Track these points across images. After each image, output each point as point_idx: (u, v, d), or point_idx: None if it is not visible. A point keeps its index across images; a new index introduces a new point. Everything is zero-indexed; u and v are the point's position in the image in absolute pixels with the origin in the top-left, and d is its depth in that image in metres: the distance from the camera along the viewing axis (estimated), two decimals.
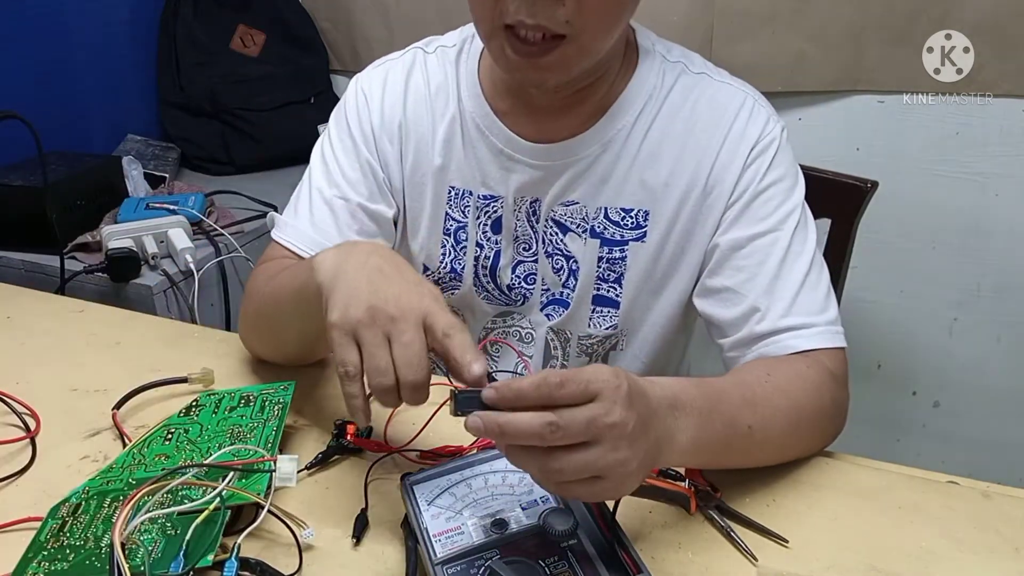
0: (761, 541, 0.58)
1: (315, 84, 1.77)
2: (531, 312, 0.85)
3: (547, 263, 0.82)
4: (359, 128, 0.82)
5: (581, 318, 0.83)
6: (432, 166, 0.81)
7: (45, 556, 0.54)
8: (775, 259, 0.74)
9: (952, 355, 1.53)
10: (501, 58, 0.71)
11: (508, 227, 0.82)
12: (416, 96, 0.82)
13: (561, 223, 0.80)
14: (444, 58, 0.83)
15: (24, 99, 1.38)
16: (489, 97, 0.79)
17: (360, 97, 0.83)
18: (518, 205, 0.81)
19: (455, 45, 0.83)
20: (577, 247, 0.81)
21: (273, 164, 1.72)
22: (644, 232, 0.79)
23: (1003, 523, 0.60)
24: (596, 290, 0.81)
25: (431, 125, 0.81)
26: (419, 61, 0.83)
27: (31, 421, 0.71)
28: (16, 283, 1.04)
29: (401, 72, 0.83)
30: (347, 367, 0.55)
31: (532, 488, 0.54)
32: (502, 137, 0.79)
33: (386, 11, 1.70)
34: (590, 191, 0.79)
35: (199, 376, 0.76)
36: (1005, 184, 1.38)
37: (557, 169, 0.78)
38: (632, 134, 0.77)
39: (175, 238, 1.25)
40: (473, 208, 0.82)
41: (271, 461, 0.58)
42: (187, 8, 1.69)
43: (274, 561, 0.54)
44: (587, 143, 0.77)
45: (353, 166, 0.82)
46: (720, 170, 0.76)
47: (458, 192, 0.82)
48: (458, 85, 0.81)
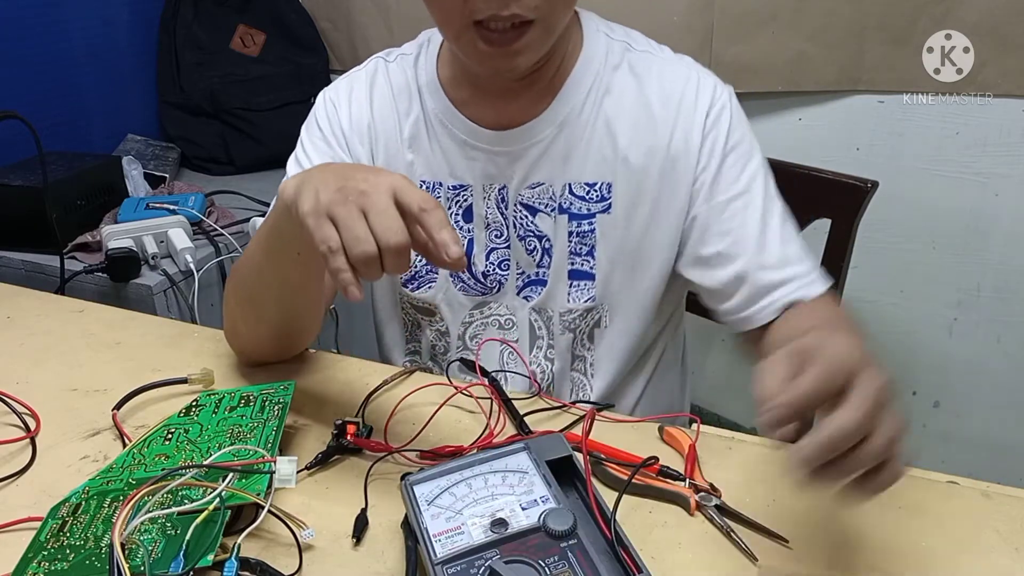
0: (761, 541, 0.58)
1: (315, 84, 1.77)
2: (507, 298, 0.87)
3: (520, 246, 0.84)
4: (330, 131, 0.86)
5: (559, 294, 0.85)
6: (403, 162, 0.85)
7: (45, 556, 0.54)
8: (754, 218, 0.78)
9: (952, 355, 1.53)
10: (473, 53, 0.72)
11: (479, 215, 0.84)
12: (381, 99, 0.85)
13: (530, 205, 0.83)
14: (404, 63, 0.87)
15: (24, 99, 1.39)
16: (448, 91, 0.82)
17: (328, 105, 0.87)
18: (487, 192, 0.83)
19: (412, 53, 0.87)
20: (547, 226, 0.83)
21: (273, 164, 1.72)
22: (609, 204, 0.81)
23: (1003, 523, 0.60)
24: (571, 264, 0.84)
25: (397, 124, 0.85)
26: (381, 68, 0.88)
27: (31, 421, 0.71)
28: (16, 283, 1.04)
29: (365, 80, 0.87)
30: (328, 243, 0.55)
31: (532, 488, 0.54)
32: (463, 128, 0.82)
33: (386, 11, 1.71)
34: (553, 170, 0.81)
35: (199, 376, 0.76)
36: (1005, 184, 1.38)
37: (519, 153, 0.81)
38: (584, 111, 0.80)
39: (175, 238, 1.25)
40: (444, 199, 0.84)
41: (271, 462, 0.58)
42: (187, 8, 1.70)
43: (274, 561, 0.54)
44: (544, 124, 0.80)
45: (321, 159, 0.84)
46: (680, 142, 0.79)
47: (428, 185, 0.84)
48: (418, 85, 0.84)
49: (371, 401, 0.75)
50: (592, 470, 0.61)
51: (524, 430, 0.70)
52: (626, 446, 0.66)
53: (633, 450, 0.65)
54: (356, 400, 0.74)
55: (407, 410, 0.73)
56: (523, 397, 0.75)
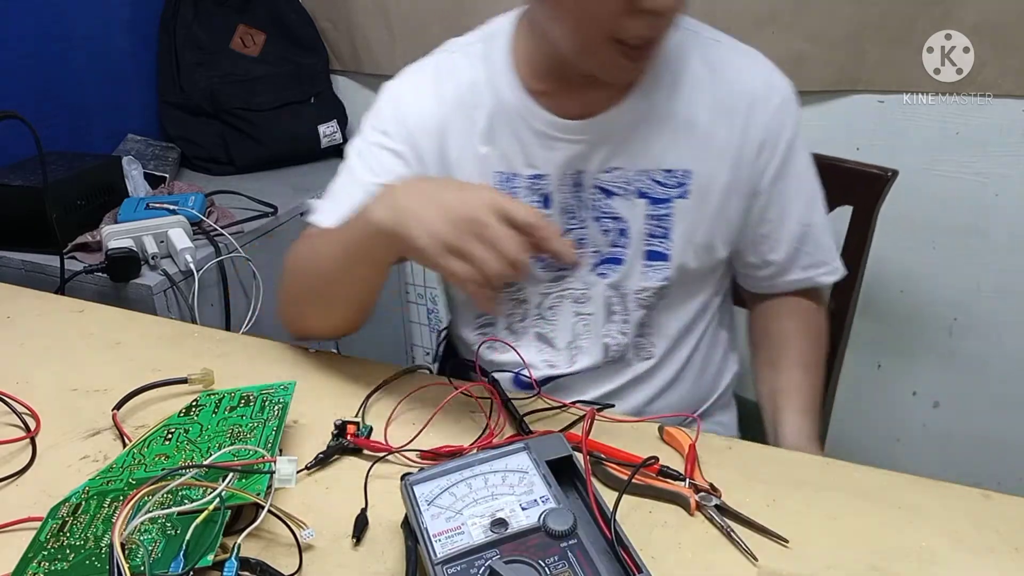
0: (761, 541, 0.58)
1: (315, 84, 1.77)
2: (583, 274, 0.89)
3: (595, 226, 0.87)
4: (395, 127, 0.86)
5: (635, 273, 0.88)
6: (475, 155, 0.85)
7: (45, 556, 0.54)
8: (805, 204, 0.88)
9: (952, 355, 1.53)
10: (609, 66, 0.76)
11: (556, 201, 0.86)
12: (449, 93, 0.86)
13: (606, 188, 0.85)
14: (469, 55, 0.87)
15: (24, 99, 1.39)
16: (527, 83, 0.83)
17: (393, 101, 0.87)
18: (563, 180, 0.85)
19: (475, 44, 0.87)
20: (625, 208, 0.85)
21: (273, 164, 1.72)
22: (686, 189, 0.84)
23: (1003, 523, 0.60)
24: (647, 245, 0.87)
25: (468, 117, 0.85)
26: (445, 62, 0.88)
27: (31, 421, 0.71)
28: (16, 283, 1.05)
29: (430, 75, 0.87)
30: (461, 274, 0.62)
31: (532, 488, 0.54)
32: (542, 119, 0.83)
33: (386, 11, 1.70)
34: (632, 157, 0.84)
35: (199, 376, 0.76)
36: (1005, 184, 1.38)
37: (597, 141, 0.83)
38: (663, 100, 0.83)
39: (175, 238, 1.25)
40: (522, 188, 0.85)
41: (271, 462, 0.58)
42: (187, 8, 1.69)
43: (274, 561, 0.54)
44: (624, 112, 0.82)
45: (392, 159, 0.85)
46: (751, 132, 0.83)
47: (504, 176, 0.85)
48: (489, 78, 0.85)
49: (371, 401, 0.75)
50: (592, 470, 0.61)
51: (524, 430, 0.70)
52: (626, 446, 0.66)
53: (633, 450, 0.65)
54: (356, 400, 0.74)
55: (407, 410, 0.73)
56: (523, 397, 0.75)
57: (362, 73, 1.82)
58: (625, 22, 0.71)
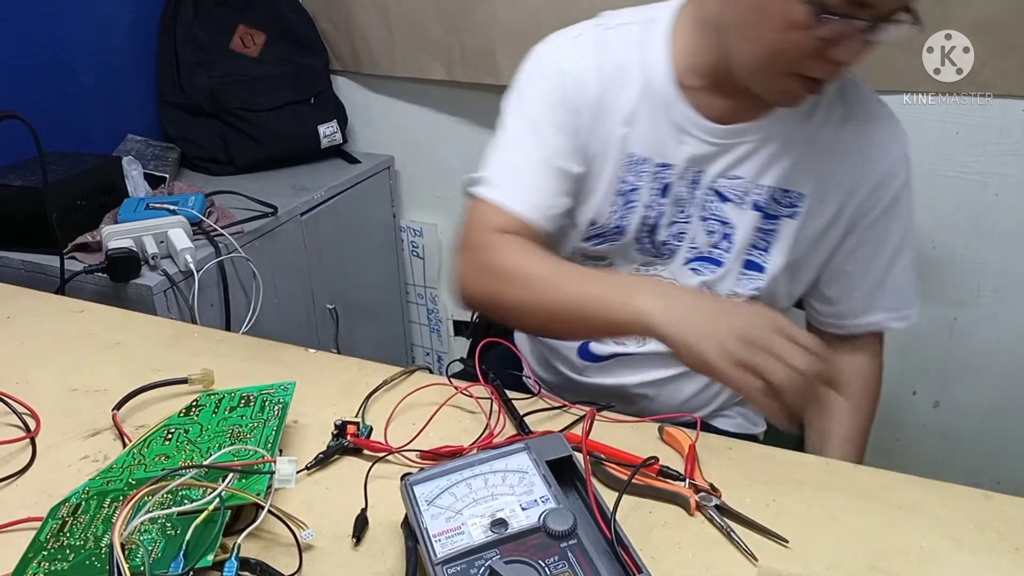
0: (761, 541, 0.58)
1: (315, 84, 1.77)
2: (674, 265, 0.91)
3: (700, 225, 0.89)
4: (562, 98, 0.86)
5: (730, 278, 0.90)
6: (616, 134, 0.86)
7: (45, 556, 0.54)
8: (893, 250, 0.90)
9: (952, 355, 1.53)
10: (781, 94, 0.79)
11: (673, 192, 0.88)
12: (605, 69, 0.86)
13: (721, 193, 0.88)
14: (625, 35, 0.87)
15: (24, 99, 1.38)
16: (679, 75, 0.85)
17: (560, 73, 0.87)
18: (683, 174, 0.87)
19: (634, 24, 0.88)
20: (735, 215, 0.88)
21: (273, 164, 1.72)
22: (796, 211, 0.87)
23: (1003, 523, 0.60)
24: (747, 255, 0.90)
25: (617, 96, 0.86)
26: (603, 38, 0.87)
27: (31, 421, 0.71)
28: (16, 283, 1.04)
29: (591, 49, 0.87)
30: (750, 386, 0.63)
31: (532, 488, 0.54)
32: (682, 114, 0.85)
33: (386, 11, 1.70)
34: (755, 169, 0.86)
35: (199, 376, 0.76)
36: (1005, 184, 1.38)
37: (728, 147, 0.85)
38: (798, 123, 0.85)
39: (175, 238, 1.25)
40: (648, 174, 0.87)
41: (271, 462, 0.58)
42: (187, 8, 1.69)
43: (274, 561, 0.54)
44: (761, 128, 0.85)
45: (557, 131, 0.86)
46: (868, 175, 0.86)
47: (637, 159, 0.87)
48: (644, 61, 0.85)
49: (371, 401, 0.75)
50: (592, 470, 0.61)
51: (524, 430, 0.70)
52: (626, 446, 0.66)
53: (633, 450, 0.65)
54: (356, 400, 0.74)
55: (407, 410, 0.73)
56: (523, 397, 0.75)
57: (362, 73, 1.82)
58: (811, 63, 0.73)
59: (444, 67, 1.69)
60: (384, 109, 1.85)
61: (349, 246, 1.74)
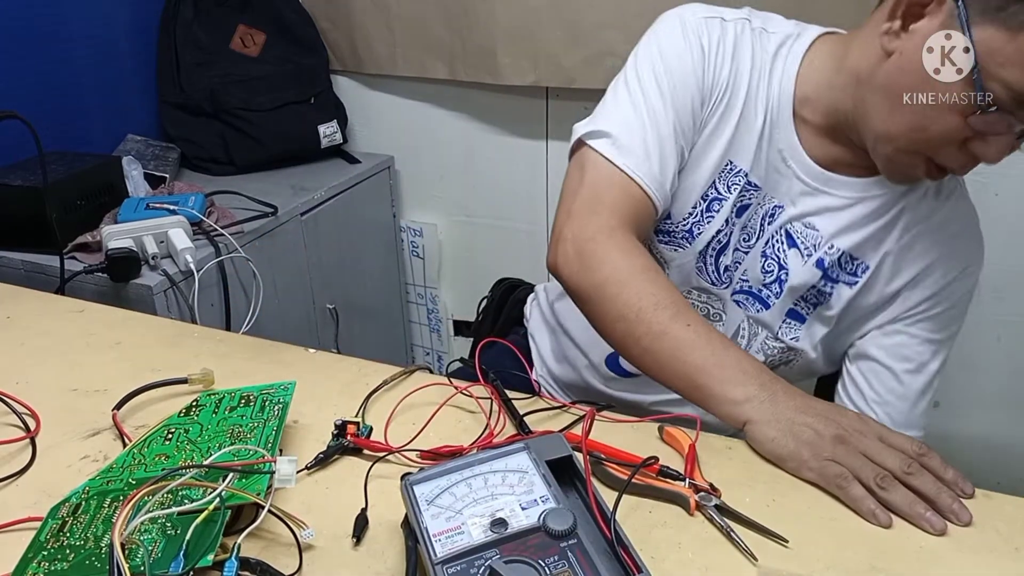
0: (761, 541, 0.58)
1: (315, 84, 1.77)
2: (725, 295, 0.90)
3: (759, 261, 0.87)
4: (699, 73, 0.81)
5: (775, 322, 0.89)
6: (725, 136, 0.83)
7: (45, 556, 0.54)
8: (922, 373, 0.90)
9: (952, 355, 1.52)
10: (900, 171, 0.77)
11: (747, 216, 0.86)
12: (741, 65, 0.82)
13: (792, 237, 0.86)
14: (762, 42, 0.83)
15: (24, 99, 1.39)
16: (797, 102, 0.81)
17: (700, 41, 0.82)
18: (763, 202, 0.85)
19: (776, 33, 0.84)
20: (796, 263, 0.86)
21: (273, 164, 1.72)
22: (857, 281, 0.86)
23: (1003, 523, 0.60)
24: (794, 305, 0.88)
25: (738, 99, 0.82)
26: (744, 34, 0.83)
27: (31, 421, 0.71)
28: (16, 283, 1.04)
29: (732, 35, 0.82)
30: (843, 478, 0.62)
31: (532, 488, 0.54)
32: (787, 143, 0.82)
33: (386, 11, 1.71)
34: (834, 227, 0.84)
35: (199, 376, 0.76)
36: (1005, 184, 1.38)
37: (818, 192, 0.83)
38: (891, 197, 0.83)
39: (175, 238, 1.25)
40: (738, 187, 0.84)
41: (271, 462, 0.58)
42: (187, 8, 1.70)
43: (274, 561, 0.54)
44: (855, 188, 0.82)
45: (685, 108, 0.81)
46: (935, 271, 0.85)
47: (734, 169, 0.84)
48: (771, 75, 0.82)
49: (371, 401, 0.75)
50: (592, 470, 0.61)
51: (524, 430, 0.70)
52: (626, 446, 0.66)
53: (633, 450, 0.65)
54: (356, 400, 0.74)
55: (407, 410, 0.73)
56: (523, 397, 0.75)
57: (362, 73, 1.82)
58: (950, 150, 0.71)
59: (446, 66, 1.69)
60: (384, 109, 1.85)
61: (349, 246, 1.74)
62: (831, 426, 0.65)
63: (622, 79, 0.84)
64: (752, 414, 0.67)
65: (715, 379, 0.69)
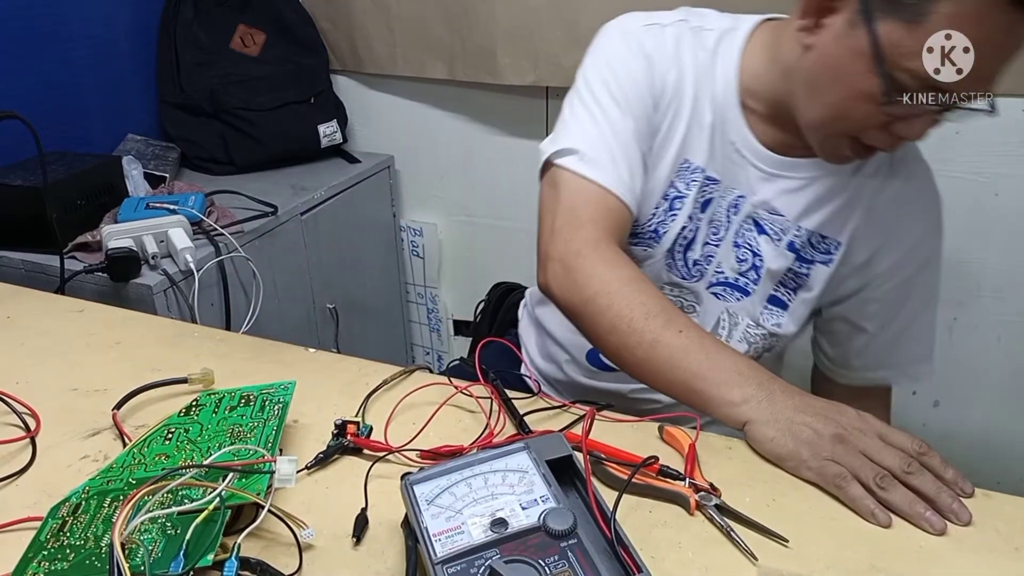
0: (761, 541, 0.58)
1: (315, 84, 1.77)
2: (699, 288, 0.92)
3: (732, 252, 0.89)
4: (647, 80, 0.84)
5: (754, 309, 0.91)
6: (678, 136, 0.85)
7: (45, 556, 0.54)
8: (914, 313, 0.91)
9: (952, 355, 1.53)
10: (833, 153, 0.79)
11: (712, 209, 0.88)
12: (684, 66, 0.85)
13: (760, 224, 0.88)
14: (700, 39, 0.85)
15: (24, 99, 1.39)
16: (742, 94, 0.84)
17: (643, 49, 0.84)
18: (725, 194, 0.87)
19: (713, 30, 0.86)
20: (768, 249, 0.88)
21: (273, 164, 1.72)
22: (831, 259, 0.88)
23: (1003, 523, 0.60)
24: (774, 291, 0.90)
25: (686, 98, 0.84)
26: (683, 35, 0.85)
27: (31, 421, 0.71)
28: (16, 283, 1.04)
29: (672, 39, 0.85)
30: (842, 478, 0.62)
31: (532, 487, 0.54)
32: (738, 133, 0.85)
33: (386, 11, 1.71)
34: (797, 209, 0.86)
35: (199, 376, 0.76)
36: (1005, 184, 1.38)
37: (775, 177, 0.85)
38: (846, 174, 0.85)
39: (175, 238, 1.25)
40: (697, 184, 0.86)
41: (271, 462, 0.58)
42: (187, 8, 1.70)
43: (274, 561, 0.54)
44: (811, 167, 0.85)
45: (641, 115, 0.84)
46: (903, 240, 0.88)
47: (691, 166, 0.86)
48: (714, 71, 0.84)
49: (371, 401, 0.75)
50: (592, 470, 0.61)
51: (524, 430, 0.70)
52: (626, 446, 0.66)
53: (633, 450, 0.65)
54: (356, 400, 0.74)
55: (407, 410, 0.73)
56: (523, 397, 0.75)
57: (362, 73, 1.82)
58: (873, 133, 0.73)
59: (445, 66, 1.69)
60: (384, 109, 1.85)
61: (349, 246, 1.74)
62: (830, 425, 0.65)
63: (576, 96, 0.86)
64: (751, 414, 0.67)
65: (711, 383, 0.69)
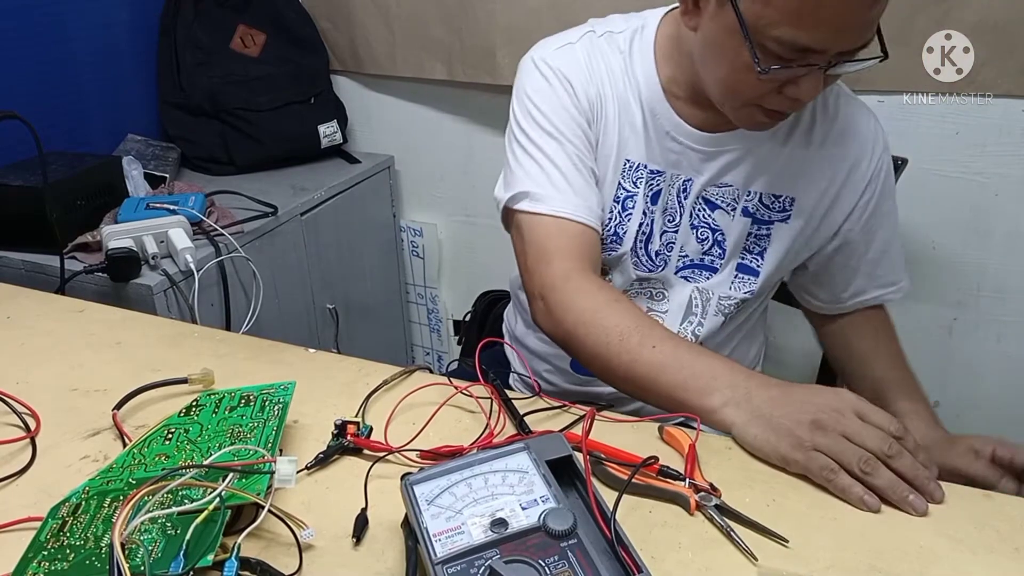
0: (761, 541, 0.58)
1: (315, 84, 1.77)
2: (665, 275, 0.94)
3: (691, 234, 0.92)
4: (572, 101, 0.87)
5: (725, 282, 0.94)
6: (614, 141, 0.89)
7: (45, 556, 0.54)
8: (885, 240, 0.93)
9: (952, 355, 1.53)
10: (746, 120, 0.81)
11: (663, 200, 0.90)
12: (598, 76, 0.88)
13: (711, 201, 0.90)
14: (613, 43, 0.89)
15: (24, 99, 1.39)
16: (664, 84, 0.87)
17: (560, 73, 0.88)
18: (672, 181, 0.90)
19: (622, 33, 0.89)
20: (725, 222, 0.91)
21: (273, 164, 1.72)
22: (789, 215, 0.90)
23: (1003, 523, 0.60)
24: (741, 259, 0.93)
25: (611, 103, 0.88)
26: (595, 43, 0.89)
27: (31, 421, 0.71)
28: (16, 283, 1.04)
29: (583, 53, 0.89)
30: (829, 470, 0.62)
31: (532, 488, 0.54)
32: (669, 121, 0.87)
33: (386, 11, 1.70)
34: (743, 176, 0.88)
35: (199, 376, 0.76)
36: (1005, 184, 1.38)
37: (714, 155, 0.88)
38: (782, 134, 0.87)
39: (175, 238, 1.25)
40: (643, 180, 0.89)
41: (271, 462, 0.58)
42: (187, 8, 1.69)
43: (274, 561, 0.54)
44: (744, 136, 0.86)
45: (577, 136, 0.87)
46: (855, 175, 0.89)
47: (633, 165, 0.89)
48: (632, 69, 0.88)
49: (371, 401, 0.75)
50: (592, 470, 0.61)
51: (524, 430, 0.70)
52: (626, 446, 0.66)
53: (633, 450, 0.65)
54: (356, 400, 0.74)
55: (407, 410, 0.73)
56: (523, 397, 0.75)
57: (362, 73, 1.82)
58: (769, 98, 0.76)
59: (445, 66, 1.69)
60: (384, 109, 1.85)
61: (349, 246, 1.74)
62: (807, 411, 0.65)
63: (512, 140, 0.90)
64: (732, 417, 0.68)
65: (691, 392, 0.71)
